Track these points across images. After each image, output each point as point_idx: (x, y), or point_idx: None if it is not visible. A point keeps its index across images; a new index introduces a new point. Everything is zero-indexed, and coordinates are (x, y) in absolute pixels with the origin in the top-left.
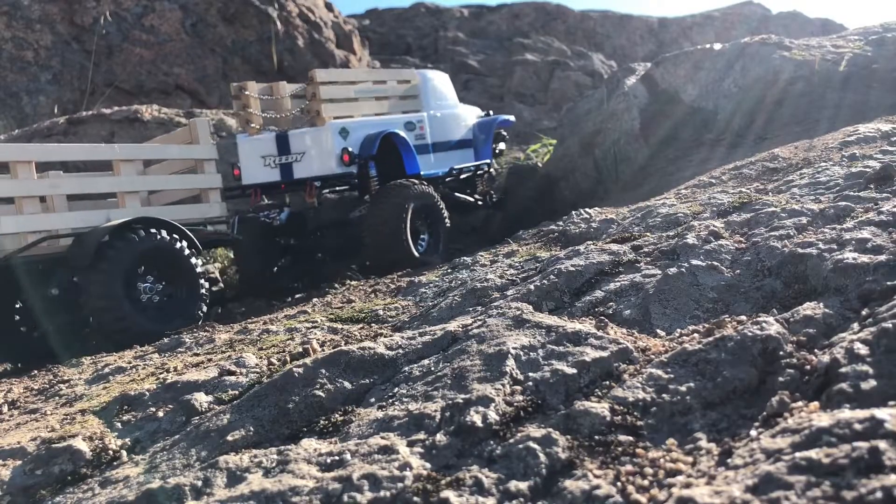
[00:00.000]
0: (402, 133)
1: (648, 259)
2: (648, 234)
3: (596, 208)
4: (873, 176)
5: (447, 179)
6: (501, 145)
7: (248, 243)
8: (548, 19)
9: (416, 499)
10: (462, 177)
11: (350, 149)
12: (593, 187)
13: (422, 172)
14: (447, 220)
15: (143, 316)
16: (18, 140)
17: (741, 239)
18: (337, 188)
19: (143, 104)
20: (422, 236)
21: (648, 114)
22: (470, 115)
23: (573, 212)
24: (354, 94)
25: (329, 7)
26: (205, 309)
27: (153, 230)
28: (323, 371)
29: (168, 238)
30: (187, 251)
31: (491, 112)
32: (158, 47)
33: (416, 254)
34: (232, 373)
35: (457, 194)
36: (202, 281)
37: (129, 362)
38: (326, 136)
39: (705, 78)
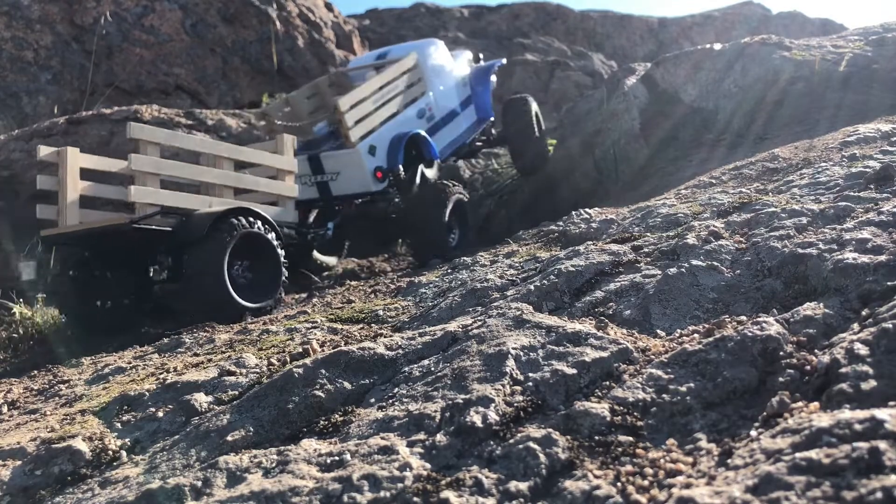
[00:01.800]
0: (421, 131)
1: (648, 259)
2: (648, 234)
3: (596, 208)
4: (873, 176)
5: (458, 153)
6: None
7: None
8: (548, 19)
9: (416, 499)
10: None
11: (381, 166)
12: (593, 187)
13: (437, 153)
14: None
15: (236, 293)
16: (18, 140)
17: (741, 239)
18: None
19: (143, 104)
20: (453, 232)
21: (648, 114)
22: (464, 68)
23: (573, 212)
24: (372, 105)
25: (329, 7)
26: (282, 294)
27: (251, 219)
28: (323, 371)
29: (262, 228)
30: (275, 241)
31: (481, 56)
32: (158, 47)
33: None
34: (232, 373)
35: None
36: (283, 269)
37: (129, 362)
38: (358, 158)
39: (705, 78)
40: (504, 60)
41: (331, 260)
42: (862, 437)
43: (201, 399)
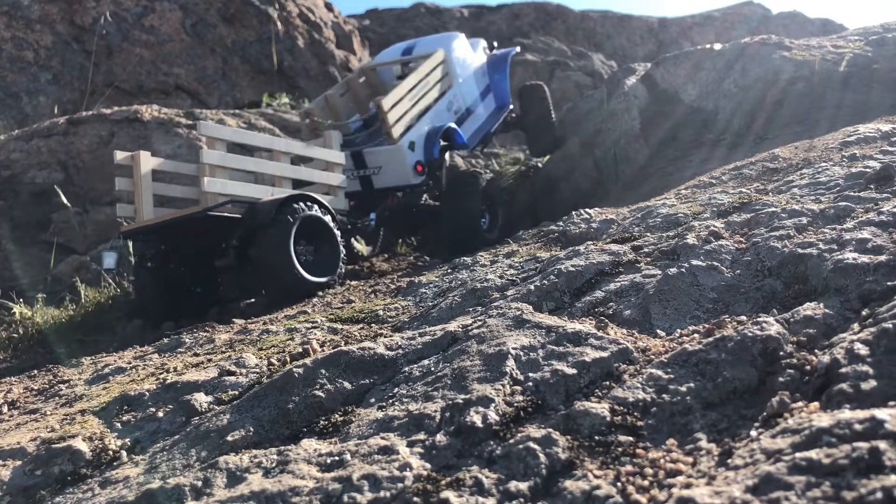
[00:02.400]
0: (451, 123)
1: (648, 259)
2: (648, 234)
3: (596, 208)
4: (873, 176)
5: (483, 144)
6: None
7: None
8: (548, 19)
9: (416, 499)
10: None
11: (421, 160)
12: (593, 187)
13: (466, 142)
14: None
15: (302, 270)
16: (18, 140)
17: (741, 239)
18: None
19: (143, 104)
20: (483, 219)
21: (648, 114)
22: (481, 57)
23: (573, 212)
24: (409, 102)
25: (329, 7)
26: (342, 269)
27: (310, 204)
28: (323, 371)
29: (320, 212)
30: (331, 223)
31: (495, 44)
32: (158, 47)
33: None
34: (232, 373)
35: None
36: (341, 247)
37: (129, 362)
38: (400, 154)
39: (705, 78)
40: (518, 49)
41: (365, 248)
42: (862, 437)
43: (201, 399)
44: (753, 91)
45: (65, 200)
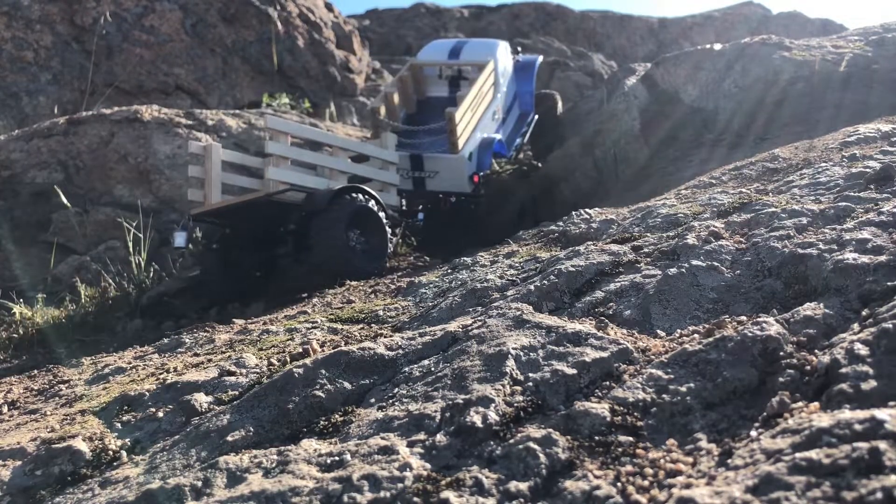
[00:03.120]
0: (499, 136)
1: (648, 259)
2: (648, 234)
3: (596, 209)
4: (873, 176)
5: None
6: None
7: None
8: (548, 19)
9: (416, 499)
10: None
11: (477, 171)
12: (594, 187)
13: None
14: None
15: (353, 255)
16: (18, 140)
17: (741, 239)
18: None
19: (143, 104)
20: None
21: (648, 114)
22: (510, 62)
23: (573, 212)
24: (471, 113)
25: (329, 7)
26: (387, 261)
27: (363, 196)
28: (323, 371)
29: (371, 203)
30: (381, 214)
31: (520, 49)
32: (158, 47)
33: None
34: (232, 373)
35: None
36: (389, 240)
37: (129, 362)
38: (461, 164)
39: (705, 78)
40: (541, 58)
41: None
42: (862, 438)
43: (201, 399)
44: (753, 91)
45: (65, 200)
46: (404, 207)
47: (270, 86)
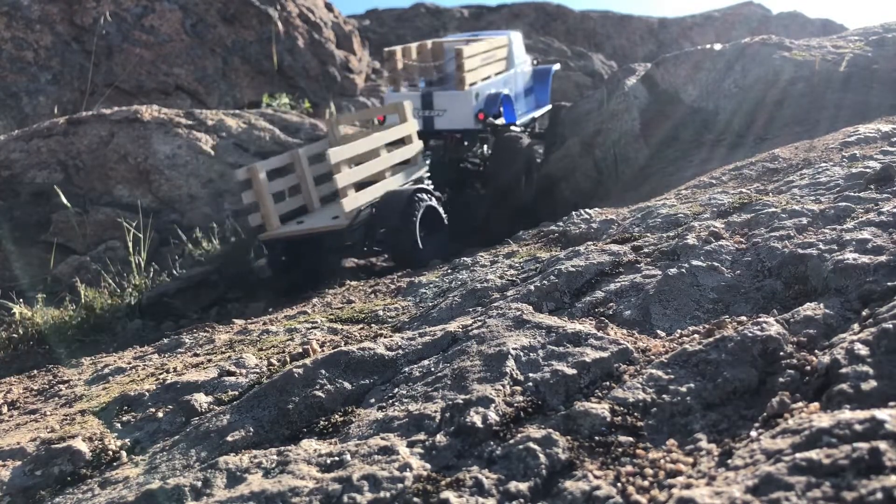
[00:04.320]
0: (506, 91)
1: (649, 260)
2: (649, 234)
3: (596, 209)
4: (874, 176)
5: (527, 127)
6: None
7: None
8: (548, 19)
9: (416, 499)
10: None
11: (483, 109)
12: (594, 188)
13: (516, 121)
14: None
15: (423, 253)
16: (18, 140)
17: (741, 239)
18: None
19: (142, 104)
20: (525, 179)
21: (648, 114)
22: (529, 63)
23: (573, 212)
24: (479, 62)
25: (329, 7)
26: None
27: (427, 195)
28: (323, 371)
29: (434, 202)
30: (441, 210)
31: (536, 60)
32: (158, 47)
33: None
34: (232, 373)
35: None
36: (447, 234)
37: (129, 363)
38: (468, 99)
39: (705, 78)
40: (559, 66)
41: None
42: (862, 438)
43: (201, 399)
44: (754, 91)
45: (65, 200)
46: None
47: (270, 86)
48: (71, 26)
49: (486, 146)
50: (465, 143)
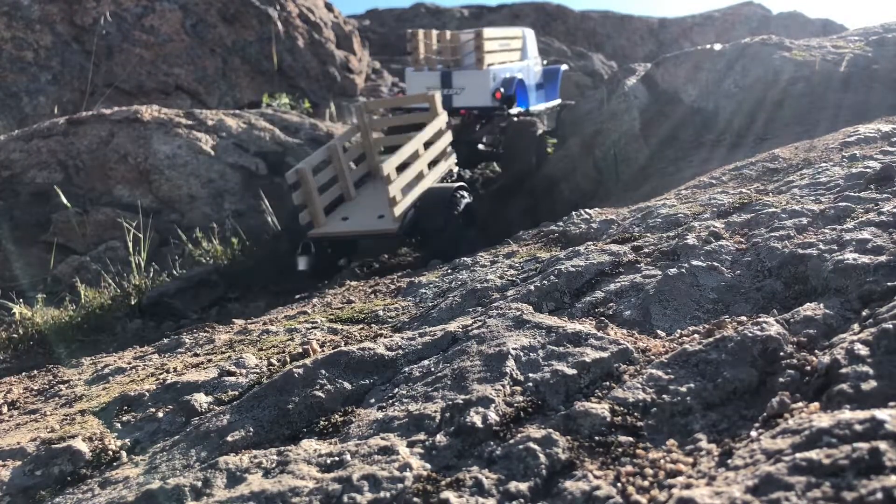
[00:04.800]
0: (520, 76)
1: (649, 260)
2: (649, 234)
3: (596, 209)
4: (874, 176)
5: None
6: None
7: None
8: (548, 20)
9: (416, 499)
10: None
11: (500, 89)
12: (594, 188)
13: (530, 107)
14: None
15: (464, 246)
16: (18, 140)
17: (741, 239)
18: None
19: (143, 104)
20: (536, 158)
21: (649, 114)
22: (539, 62)
23: (573, 212)
24: (497, 46)
25: (329, 7)
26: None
27: (466, 192)
28: (323, 372)
29: (471, 198)
30: (474, 205)
31: (546, 61)
32: (158, 47)
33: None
34: (232, 373)
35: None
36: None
37: (129, 363)
38: (486, 78)
39: (705, 78)
40: (566, 66)
41: None
42: (862, 438)
43: (201, 399)
44: (754, 91)
45: (65, 200)
46: None
47: (270, 86)
48: (71, 26)
49: (500, 128)
50: (482, 122)
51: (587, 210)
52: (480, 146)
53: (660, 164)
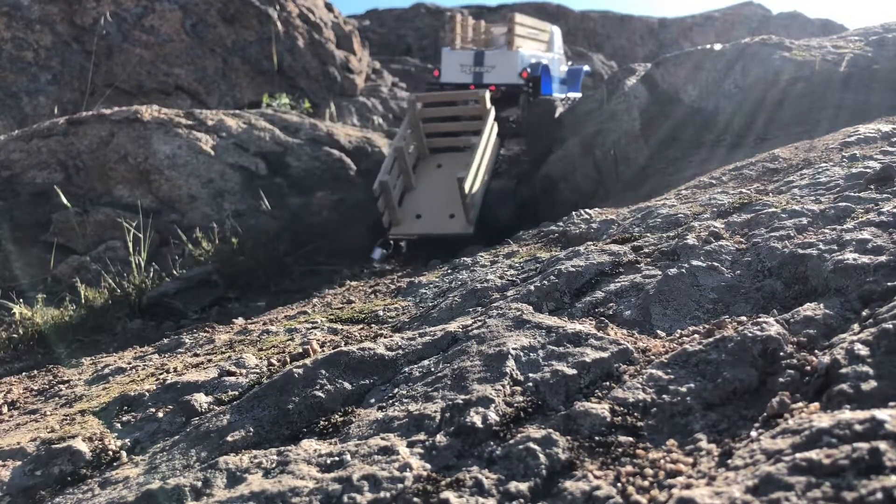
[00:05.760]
0: (545, 62)
1: (649, 260)
2: (649, 234)
3: (596, 209)
4: (874, 176)
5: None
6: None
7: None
8: (548, 20)
9: (416, 499)
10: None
11: (527, 69)
12: (594, 188)
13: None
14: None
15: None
16: (18, 140)
17: (741, 239)
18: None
19: (143, 104)
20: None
21: (648, 114)
22: (564, 62)
23: (573, 212)
24: (526, 33)
25: (329, 7)
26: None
27: (520, 186)
28: (323, 372)
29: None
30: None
31: (571, 62)
32: (158, 47)
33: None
34: (232, 373)
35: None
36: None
37: (129, 363)
38: (515, 58)
39: (705, 78)
40: (588, 68)
41: None
42: (862, 438)
43: (201, 399)
44: (754, 91)
45: (65, 200)
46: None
47: (270, 86)
48: (71, 26)
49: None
50: (509, 98)
51: (587, 210)
52: (506, 122)
53: (660, 164)
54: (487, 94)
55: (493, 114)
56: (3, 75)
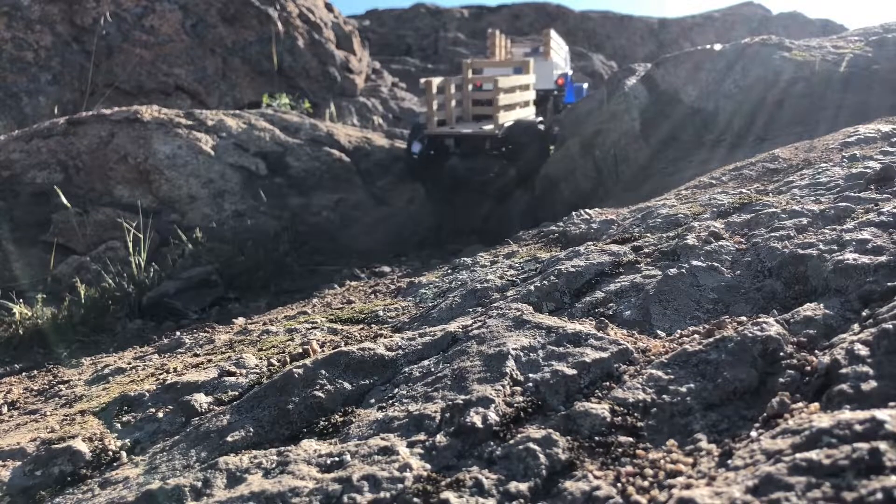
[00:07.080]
0: (570, 73)
1: (649, 260)
2: (649, 234)
3: (596, 209)
4: (874, 177)
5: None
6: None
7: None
8: (548, 20)
9: (416, 500)
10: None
11: (561, 75)
12: (594, 188)
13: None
14: None
15: (540, 155)
16: (18, 140)
17: (741, 240)
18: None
19: (143, 104)
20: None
21: (649, 114)
22: (569, 65)
23: (573, 212)
24: (556, 44)
25: (329, 7)
26: None
27: (542, 125)
28: (323, 372)
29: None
30: (550, 130)
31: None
32: (158, 48)
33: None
34: (232, 373)
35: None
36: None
37: (129, 363)
38: (550, 66)
39: (705, 78)
40: (587, 85)
41: None
42: (862, 438)
43: (201, 399)
44: (754, 91)
45: (65, 200)
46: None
47: (270, 86)
48: (71, 26)
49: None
50: (539, 102)
51: (587, 210)
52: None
53: (660, 164)
54: (532, 62)
55: (532, 77)
56: (3, 75)
